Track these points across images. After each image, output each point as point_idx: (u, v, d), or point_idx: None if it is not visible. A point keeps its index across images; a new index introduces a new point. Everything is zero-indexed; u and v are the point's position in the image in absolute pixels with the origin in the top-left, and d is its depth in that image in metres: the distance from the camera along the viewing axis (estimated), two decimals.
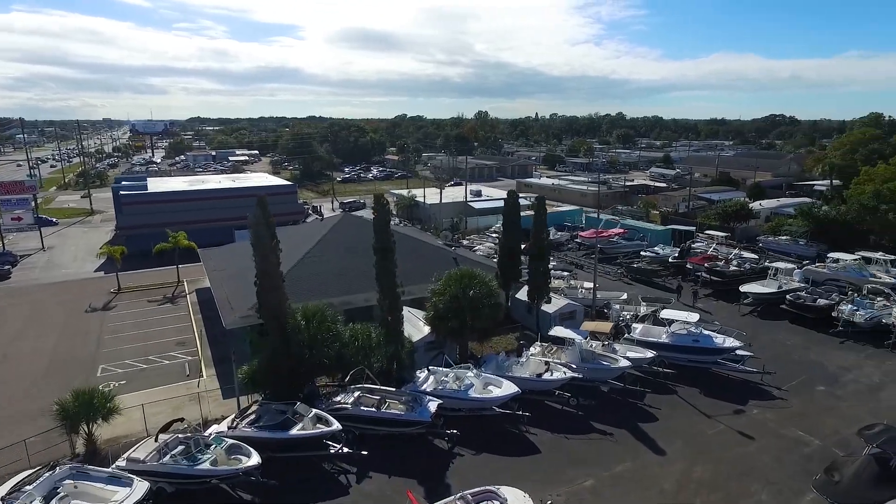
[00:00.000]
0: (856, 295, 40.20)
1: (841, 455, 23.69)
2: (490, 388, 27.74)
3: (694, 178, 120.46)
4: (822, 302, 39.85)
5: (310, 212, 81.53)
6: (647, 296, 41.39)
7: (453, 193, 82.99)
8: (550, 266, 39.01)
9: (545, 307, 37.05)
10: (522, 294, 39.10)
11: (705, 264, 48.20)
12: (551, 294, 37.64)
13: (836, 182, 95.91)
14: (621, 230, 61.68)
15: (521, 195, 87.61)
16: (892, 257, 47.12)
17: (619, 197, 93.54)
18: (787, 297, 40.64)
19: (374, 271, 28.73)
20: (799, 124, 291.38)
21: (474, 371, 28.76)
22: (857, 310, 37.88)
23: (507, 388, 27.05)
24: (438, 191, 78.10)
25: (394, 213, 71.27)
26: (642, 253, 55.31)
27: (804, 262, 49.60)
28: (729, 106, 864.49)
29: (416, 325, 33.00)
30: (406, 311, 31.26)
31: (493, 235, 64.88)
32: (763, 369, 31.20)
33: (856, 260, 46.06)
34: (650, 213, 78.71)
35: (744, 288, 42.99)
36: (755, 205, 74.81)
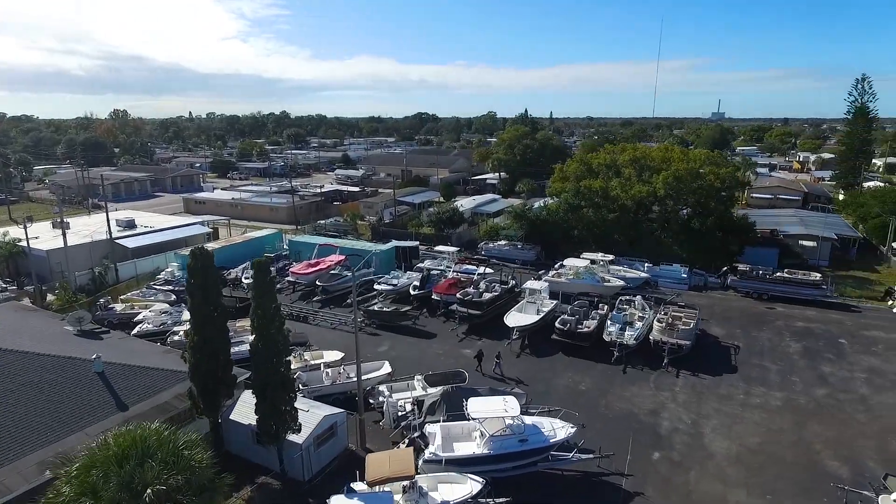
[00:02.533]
0: (612, 311, 37.81)
1: None
2: None
3: (380, 179, 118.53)
4: (588, 324, 35.95)
5: None
6: (432, 372, 30.09)
7: (90, 226, 57.42)
8: None
9: (292, 436, 22.41)
10: (244, 413, 23.59)
11: (456, 294, 40.41)
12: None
13: (503, 175, 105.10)
14: (341, 257, 49.92)
15: (196, 220, 67.93)
16: (611, 256, 47.88)
17: (314, 208, 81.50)
18: (556, 325, 35.53)
19: None
20: (440, 121, 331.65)
21: None
22: (622, 329, 34.93)
23: None
24: (61, 225, 51.79)
25: None
26: (376, 286, 44.68)
27: (541, 273, 46.70)
28: (377, 104, 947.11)
29: None
30: None
31: (168, 290, 45.02)
32: (600, 451, 23.82)
33: (586, 266, 44.83)
34: (358, 226, 69.27)
35: (509, 320, 36.44)
36: (457, 205, 72.87)
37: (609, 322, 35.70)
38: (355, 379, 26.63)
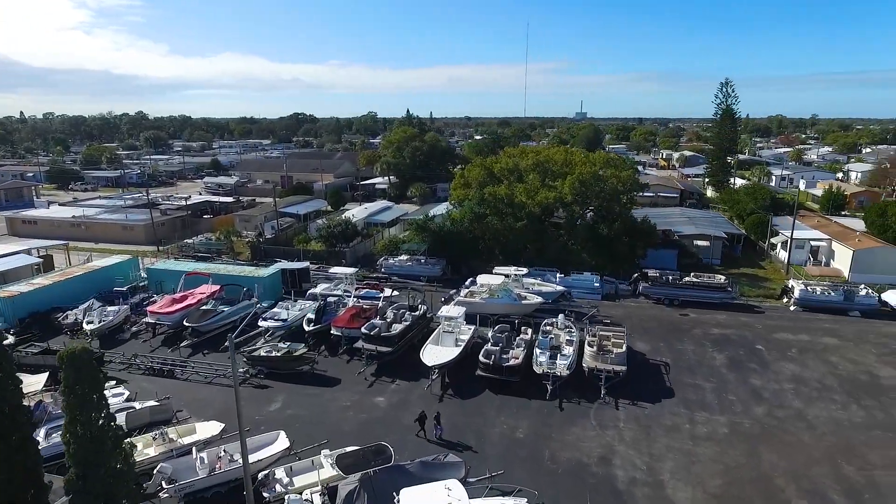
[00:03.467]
0: (537, 335, 34.20)
1: None
2: None
3: (257, 187, 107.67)
4: (515, 355, 31.94)
5: None
6: (344, 451, 23.31)
7: None
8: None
9: None
10: None
11: (360, 327, 34.53)
12: None
13: (393, 179, 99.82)
14: (214, 287, 41.75)
15: (21, 248, 54.61)
16: (525, 270, 44.62)
17: (179, 225, 70.48)
18: (480, 358, 31.11)
19: None
20: (319, 122, 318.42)
21: None
22: (552, 358, 31.35)
23: None
24: None
25: None
26: (260, 323, 37.36)
27: (451, 293, 42.15)
28: (248, 104, 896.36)
29: None
30: None
31: None
32: None
33: (502, 284, 41.07)
34: (234, 245, 60.30)
35: (427, 357, 31.36)
36: (347, 215, 66.37)
37: (537, 350, 31.96)
38: (240, 463, 20.07)
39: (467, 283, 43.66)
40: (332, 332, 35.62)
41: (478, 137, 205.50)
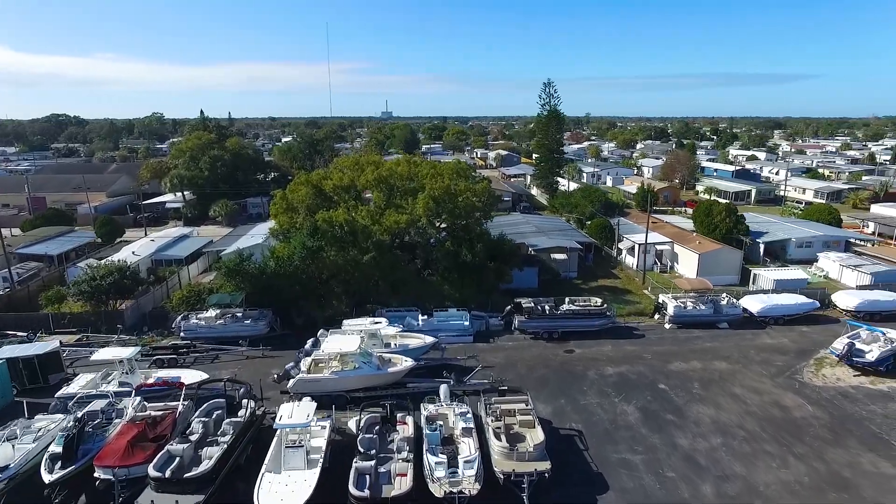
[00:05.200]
0: (422, 423, 24.76)
1: None
2: None
3: None
4: (399, 471, 22.10)
5: None
6: None
7: None
8: None
9: None
10: None
11: (145, 460, 21.52)
12: None
13: (188, 196, 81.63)
14: None
15: None
16: (383, 321, 34.74)
17: None
18: (352, 490, 20.76)
19: None
20: (88, 124, 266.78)
21: None
22: (451, 466, 22.26)
23: None
24: None
25: None
26: None
27: (288, 368, 30.47)
28: None
29: None
30: None
31: None
32: None
33: (359, 344, 30.68)
34: None
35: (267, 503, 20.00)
36: (125, 253, 49.35)
37: (428, 455, 22.57)
38: None
39: (308, 345, 32.47)
40: (96, 475, 21.92)
41: (287, 139, 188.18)
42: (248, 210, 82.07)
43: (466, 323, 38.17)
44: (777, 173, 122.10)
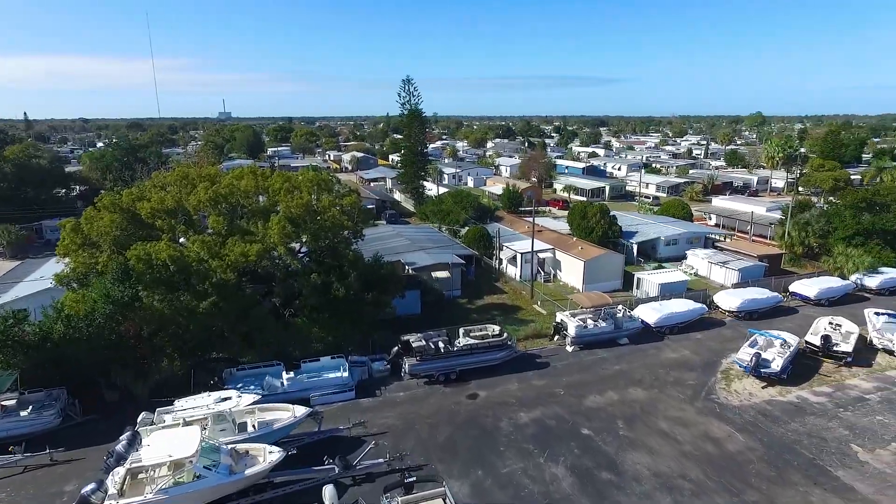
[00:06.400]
0: None
1: None
2: None
3: None
4: None
5: None
6: None
7: None
8: None
9: None
10: None
11: None
12: None
13: None
14: None
15: None
16: (233, 394, 25.80)
17: None
18: None
19: None
20: None
21: None
22: None
23: None
24: None
25: None
26: None
27: (87, 493, 20.45)
28: None
29: None
30: None
31: None
32: None
33: (204, 438, 21.63)
34: None
35: None
36: None
37: None
38: None
39: (120, 444, 22.40)
40: None
41: (100, 145, 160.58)
42: (45, 235, 65.05)
43: (345, 374, 30.59)
44: (619, 169, 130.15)
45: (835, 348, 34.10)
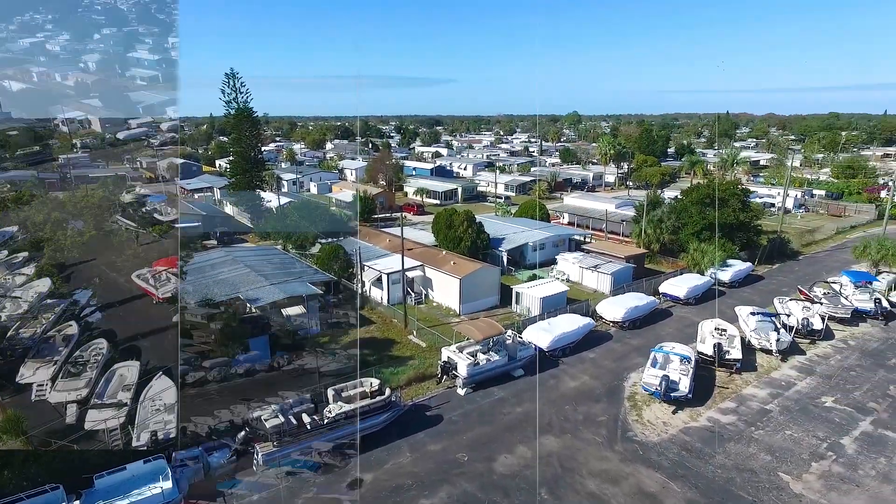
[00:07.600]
0: None
1: None
2: None
3: None
4: None
5: None
6: None
7: None
8: None
9: None
10: None
11: None
12: None
13: None
14: None
15: None
16: None
17: None
18: None
19: None
20: None
21: None
22: None
23: None
24: None
25: None
26: None
27: None
28: None
29: None
30: None
31: None
32: None
33: None
34: None
35: None
36: None
37: None
38: None
39: None
40: None
41: None
42: None
43: (167, 484, 21.29)
44: (465, 168, 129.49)
45: (727, 357, 32.94)
